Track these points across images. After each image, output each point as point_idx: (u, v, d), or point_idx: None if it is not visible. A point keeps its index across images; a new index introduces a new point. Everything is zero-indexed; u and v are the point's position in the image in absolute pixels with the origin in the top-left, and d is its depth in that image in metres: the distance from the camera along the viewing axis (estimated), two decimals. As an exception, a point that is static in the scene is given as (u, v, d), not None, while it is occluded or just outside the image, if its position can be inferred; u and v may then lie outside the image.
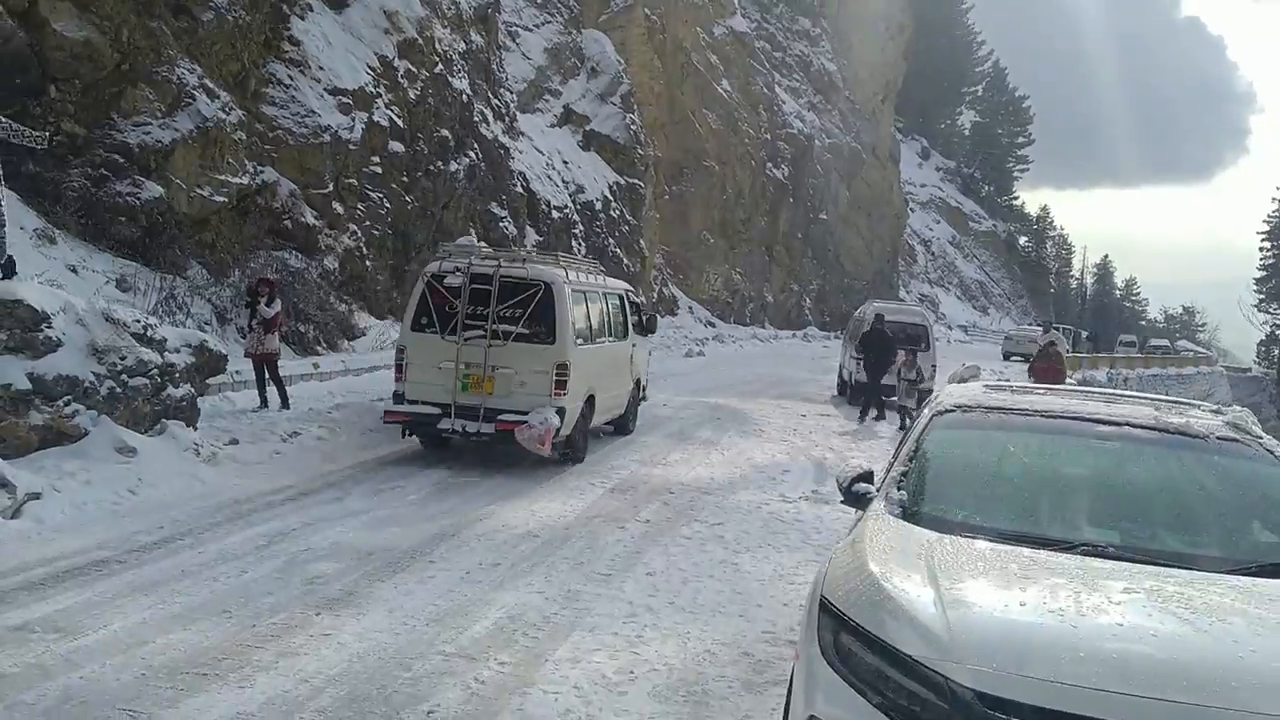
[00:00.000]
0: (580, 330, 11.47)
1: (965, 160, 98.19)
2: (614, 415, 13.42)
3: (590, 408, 11.80)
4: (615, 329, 13.32)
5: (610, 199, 32.16)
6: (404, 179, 20.09)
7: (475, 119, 23.66)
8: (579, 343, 11.32)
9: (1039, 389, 5.87)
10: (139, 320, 9.70)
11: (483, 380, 10.67)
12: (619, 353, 13.40)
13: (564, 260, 12.34)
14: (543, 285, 10.89)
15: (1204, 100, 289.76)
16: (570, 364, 10.86)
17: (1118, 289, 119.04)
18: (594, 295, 12.47)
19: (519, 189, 26.06)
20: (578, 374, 11.06)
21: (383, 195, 19.28)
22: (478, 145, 23.64)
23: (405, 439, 11.47)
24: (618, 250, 31.26)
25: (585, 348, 11.60)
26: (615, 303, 13.54)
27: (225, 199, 15.30)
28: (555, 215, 27.98)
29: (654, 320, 16.38)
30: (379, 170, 19.12)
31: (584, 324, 11.71)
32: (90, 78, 13.57)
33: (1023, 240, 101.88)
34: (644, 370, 15.16)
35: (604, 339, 12.68)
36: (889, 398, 17.62)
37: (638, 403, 14.62)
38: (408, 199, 20.14)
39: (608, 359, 12.73)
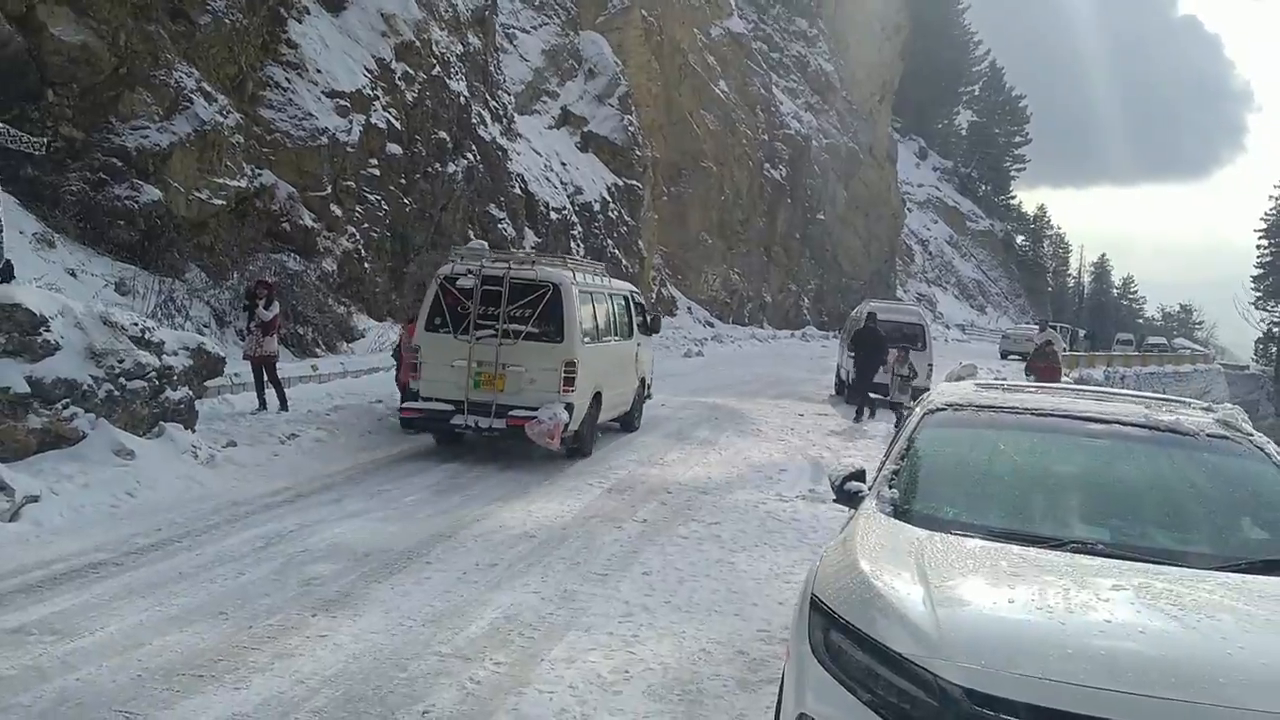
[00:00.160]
0: (587, 330, 11.78)
1: (962, 160, 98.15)
2: (620, 412, 13.74)
3: (597, 404, 12.13)
4: (620, 329, 13.64)
5: (608, 200, 32.18)
6: (402, 181, 20.11)
7: (473, 121, 23.68)
8: (586, 342, 11.62)
9: (1030, 387, 5.89)
10: (137, 323, 9.72)
11: (494, 378, 11.02)
12: (624, 352, 13.71)
13: (571, 262, 12.68)
14: (551, 286, 11.25)
15: (1201, 99, 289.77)
16: (578, 362, 11.18)
17: (1115, 288, 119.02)
18: (600, 296, 12.79)
19: (517, 190, 26.08)
20: (585, 372, 11.36)
21: (381, 197, 19.30)
22: (476, 147, 23.67)
23: (401, 440, 11.71)
24: (616, 251, 31.26)
25: (592, 346, 11.89)
26: (620, 303, 13.87)
27: (223, 202, 15.32)
28: (554, 216, 28.00)
29: (658, 320, 16.73)
30: (377, 172, 19.15)
31: (591, 324, 12.03)
32: (88, 82, 13.59)
33: (1020, 239, 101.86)
34: (649, 369, 15.45)
35: (610, 338, 12.99)
36: (881, 395, 17.51)
37: (643, 400, 14.92)
38: (406, 201, 20.17)
39: (613, 357, 13.04)
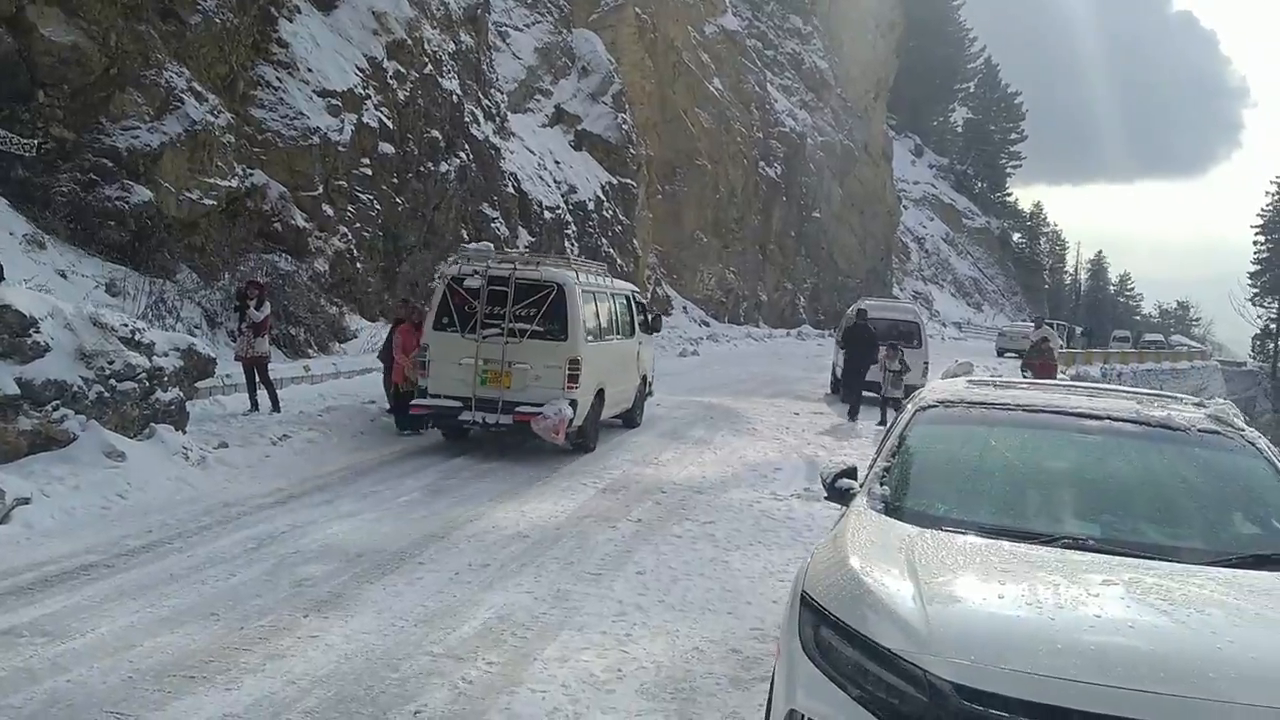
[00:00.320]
0: (590, 328, 12.12)
1: (958, 157, 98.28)
2: (622, 409, 14.05)
3: (600, 401, 12.48)
4: (622, 327, 13.98)
5: (603, 199, 32.15)
6: (394, 180, 20.07)
7: (466, 120, 23.64)
8: (589, 340, 11.96)
9: (1022, 384, 5.87)
10: (127, 324, 9.68)
11: (501, 375, 11.36)
12: (626, 350, 14.03)
13: (575, 263, 13.09)
14: (556, 286, 11.59)
15: (1197, 95, 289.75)
16: (581, 359, 11.53)
17: (1112, 285, 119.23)
18: (602, 296, 13.13)
19: (510, 190, 26.05)
20: (588, 369, 11.71)
21: (373, 197, 19.27)
22: (468, 146, 23.63)
23: (394, 441, 11.84)
24: (611, 250, 31.23)
25: (595, 344, 12.22)
26: (622, 303, 14.22)
27: (214, 202, 15.27)
28: (547, 216, 27.97)
29: (659, 319, 17.19)
30: (369, 172, 19.11)
31: (594, 323, 12.36)
32: (78, 82, 13.55)
33: (1016, 237, 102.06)
34: (650, 367, 15.75)
35: (612, 337, 13.32)
36: (874, 393, 17.37)
37: (644, 397, 15.21)
38: (398, 200, 20.13)
39: (616, 355, 13.37)
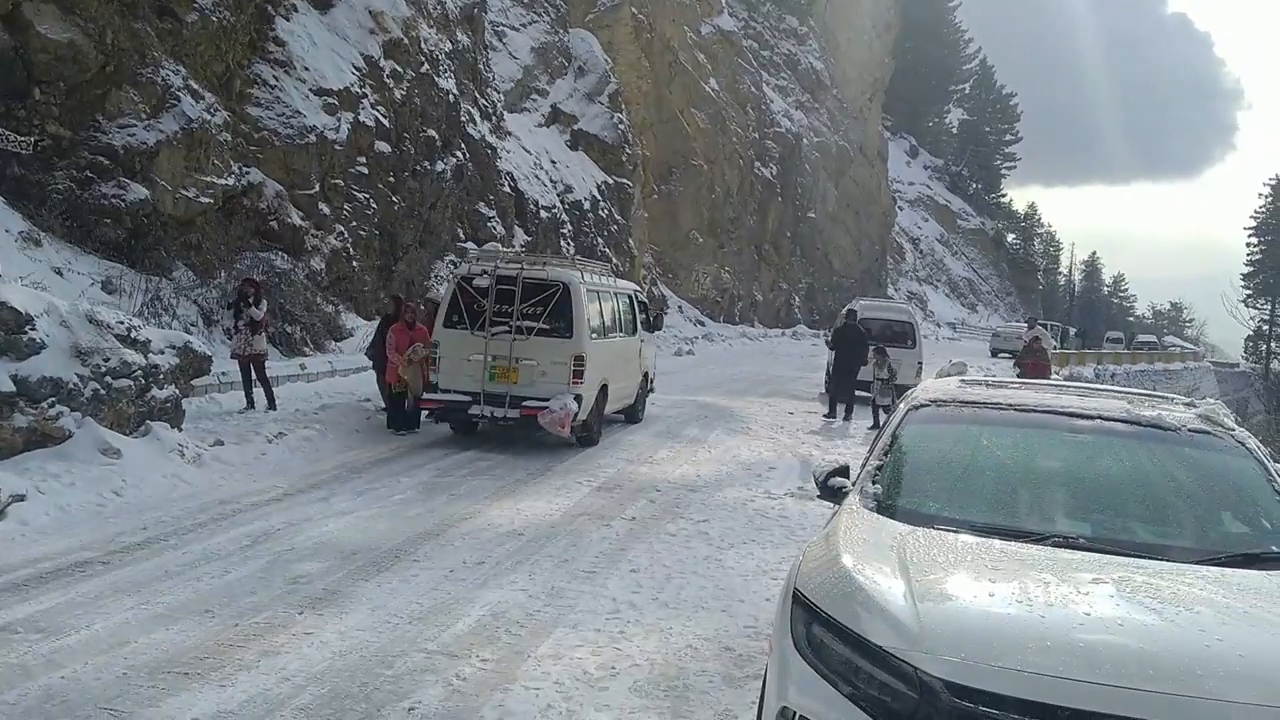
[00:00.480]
0: (595, 326, 12.52)
1: (953, 158, 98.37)
2: (625, 404, 14.41)
3: (604, 396, 12.88)
4: (625, 325, 14.39)
5: (598, 198, 32.17)
6: (390, 179, 20.07)
7: (462, 119, 23.64)
8: (594, 337, 12.36)
9: (1014, 383, 5.90)
10: (123, 322, 9.68)
11: (508, 370, 11.77)
12: (629, 347, 14.45)
13: (580, 263, 13.52)
14: (561, 286, 12.00)
15: (1192, 97, 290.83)
16: (586, 356, 11.95)
17: (1106, 286, 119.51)
18: (606, 295, 13.54)
19: (507, 189, 26.06)
20: (593, 365, 12.13)
21: (369, 196, 19.26)
22: (465, 145, 23.63)
23: (389, 440, 11.96)
24: (606, 250, 31.25)
25: (599, 342, 12.62)
26: (625, 302, 14.63)
27: (211, 200, 15.26)
28: (543, 215, 27.98)
29: (660, 318, 17.77)
30: (365, 171, 19.10)
31: (598, 321, 12.75)
32: (75, 80, 13.53)
33: (1011, 238, 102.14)
34: (652, 364, 16.17)
35: (615, 334, 13.73)
36: (866, 393, 17.35)
37: (646, 393, 15.60)
38: (394, 199, 20.12)
39: (619, 352, 13.79)
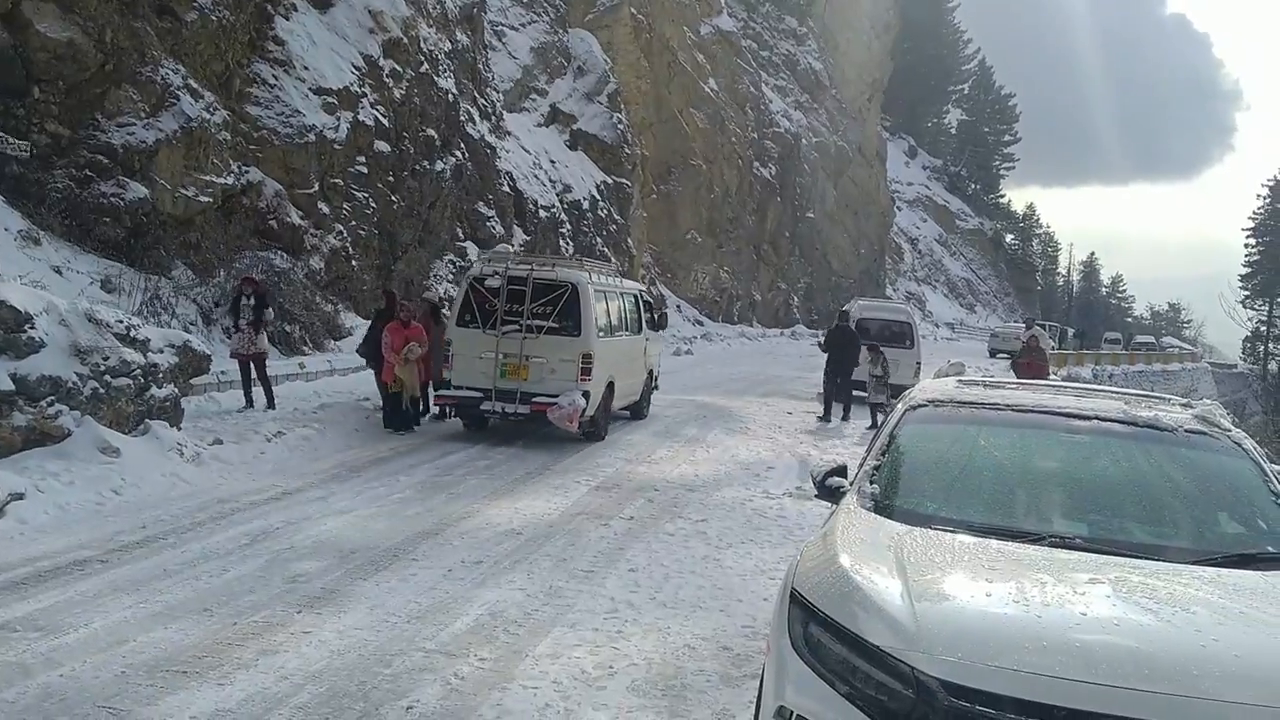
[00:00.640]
0: (602, 325, 12.87)
1: (952, 158, 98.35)
2: (630, 401, 14.80)
3: (611, 393, 13.25)
4: (631, 325, 14.76)
5: (597, 198, 32.18)
6: (390, 179, 20.07)
7: (461, 118, 23.64)
8: (601, 336, 12.71)
9: (1011, 384, 5.91)
10: (122, 321, 9.70)
11: (519, 368, 12.17)
12: (635, 346, 14.87)
13: (588, 264, 14.00)
14: (570, 286, 12.38)
15: (1190, 98, 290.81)
16: (594, 354, 12.31)
17: (1104, 286, 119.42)
18: (613, 295, 13.91)
19: (506, 188, 26.06)
20: (600, 363, 12.48)
21: (368, 195, 19.26)
22: (464, 145, 23.63)
23: (388, 439, 12.05)
24: (605, 249, 31.24)
25: (606, 340, 12.98)
26: (631, 301, 15.01)
27: (210, 199, 15.26)
28: (543, 214, 27.98)
29: (664, 317, 18.18)
30: (365, 170, 19.10)
31: (605, 320, 13.12)
32: (74, 79, 13.53)
33: (1009, 238, 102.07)
34: (656, 362, 16.60)
35: (622, 333, 14.12)
36: (862, 393, 17.27)
37: (651, 391, 16.01)
38: (394, 199, 20.12)
39: (625, 351, 14.18)
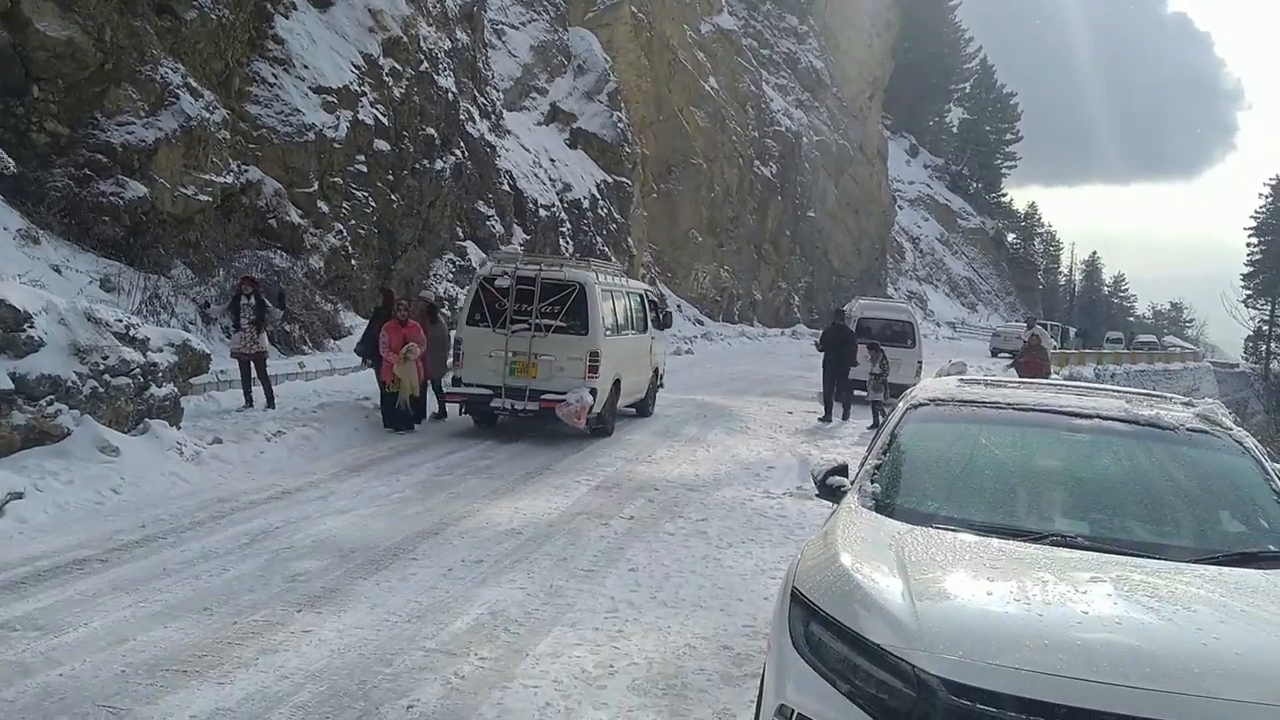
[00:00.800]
0: (609, 324, 13.15)
1: (953, 157, 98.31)
2: (636, 398, 15.09)
3: (617, 390, 13.55)
4: (637, 324, 15.04)
5: (598, 197, 32.17)
6: (389, 177, 20.06)
7: (461, 117, 23.64)
8: (607, 335, 13.00)
9: (1012, 382, 5.89)
10: (121, 320, 9.69)
11: (528, 366, 12.45)
12: (640, 344, 15.13)
13: (595, 265, 14.49)
14: (578, 286, 12.67)
15: (1192, 97, 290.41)
16: (601, 352, 12.60)
17: (1106, 285, 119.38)
18: (619, 294, 14.23)
19: (506, 187, 26.05)
20: (607, 361, 12.78)
21: (368, 194, 19.25)
22: (464, 143, 23.62)
23: (387, 438, 12.11)
24: (605, 249, 31.26)
25: (613, 339, 13.26)
26: (636, 301, 15.32)
27: (209, 198, 15.25)
28: (542, 213, 27.98)
29: (669, 316, 18.53)
30: (364, 169, 19.09)
31: (611, 319, 13.41)
32: (73, 77, 13.51)
33: (1011, 237, 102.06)
34: (662, 360, 16.86)
35: (628, 332, 14.39)
36: (863, 393, 17.16)
37: (656, 388, 16.29)
38: (393, 198, 20.12)
39: (631, 349, 14.46)
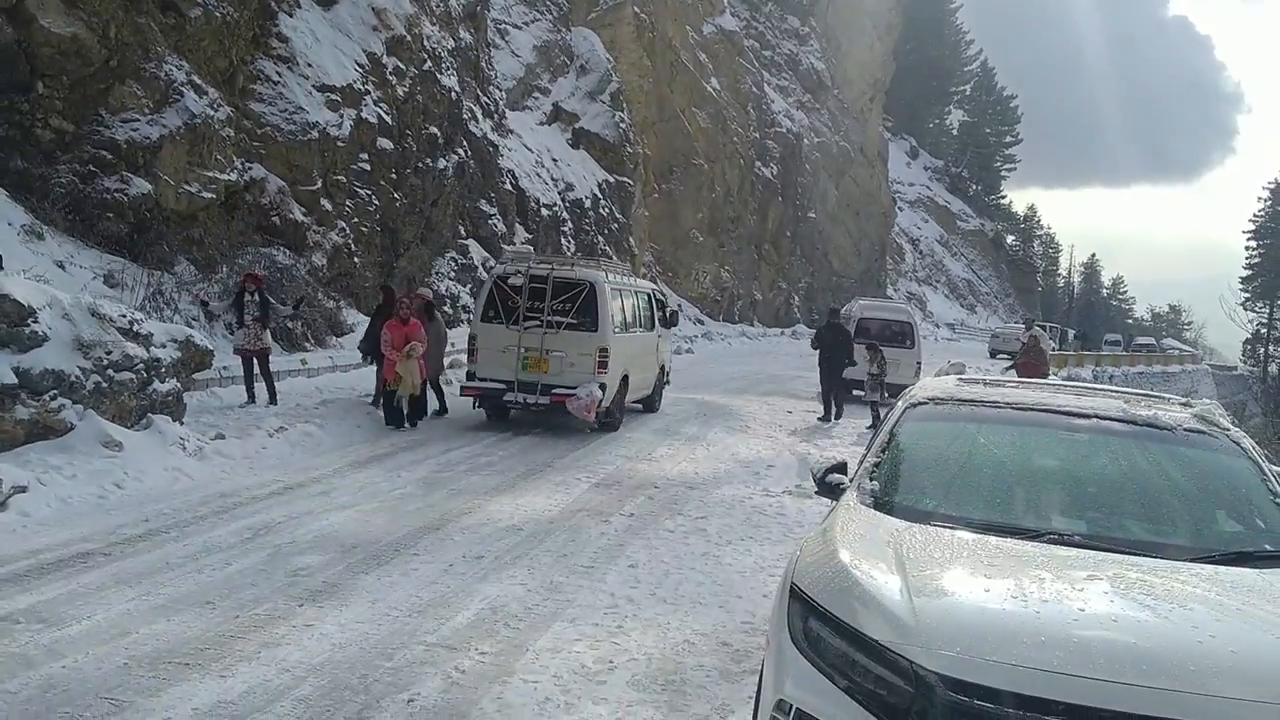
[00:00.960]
0: (617, 322, 13.51)
1: (953, 159, 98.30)
2: (643, 394, 15.38)
3: (625, 385, 13.90)
4: (644, 322, 15.40)
5: (599, 197, 32.21)
6: (392, 176, 20.10)
7: (464, 116, 23.68)
8: (617, 332, 13.34)
9: (1011, 382, 5.92)
10: (125, 315, 9.71)
11: (539, 361, 12.82)
12: (648, 341, 15.46)
13: (605, 264, 14.98)
14: (588, 284, 13.04)
15: (1192, 100, 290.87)
16: (610, 348, 12.96)
17: (1105, 288, 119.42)
18: (628, 293, 14.60)
19: (508, 186, 26.10)
20: (615, 357, 13.14)
21: (371, 192, 19.29)
22: (467, 143, 23.67)
23: (389, 435, 12.16)
24: (607, 248, 31.30)
25: (621, 336, 13.63)
26: (644, 300, 15.66)
27: (213, 195, 15.29)
28: (544, 213, 28.03)
29: (675, 315, 18.90)
30: (367, 167, 19.14)
31: (620, 317, 13.76)
32: (78, 74, 13.55)
33: (1010, 239, 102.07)
34: (668, 358, 17.25)
35: (636, 330, 14.77)
36: (861, 392, 17.14)
37: (663, 385, 16.61)
38: (396, 196, 20.16)
39: (639, 346, 14.80)
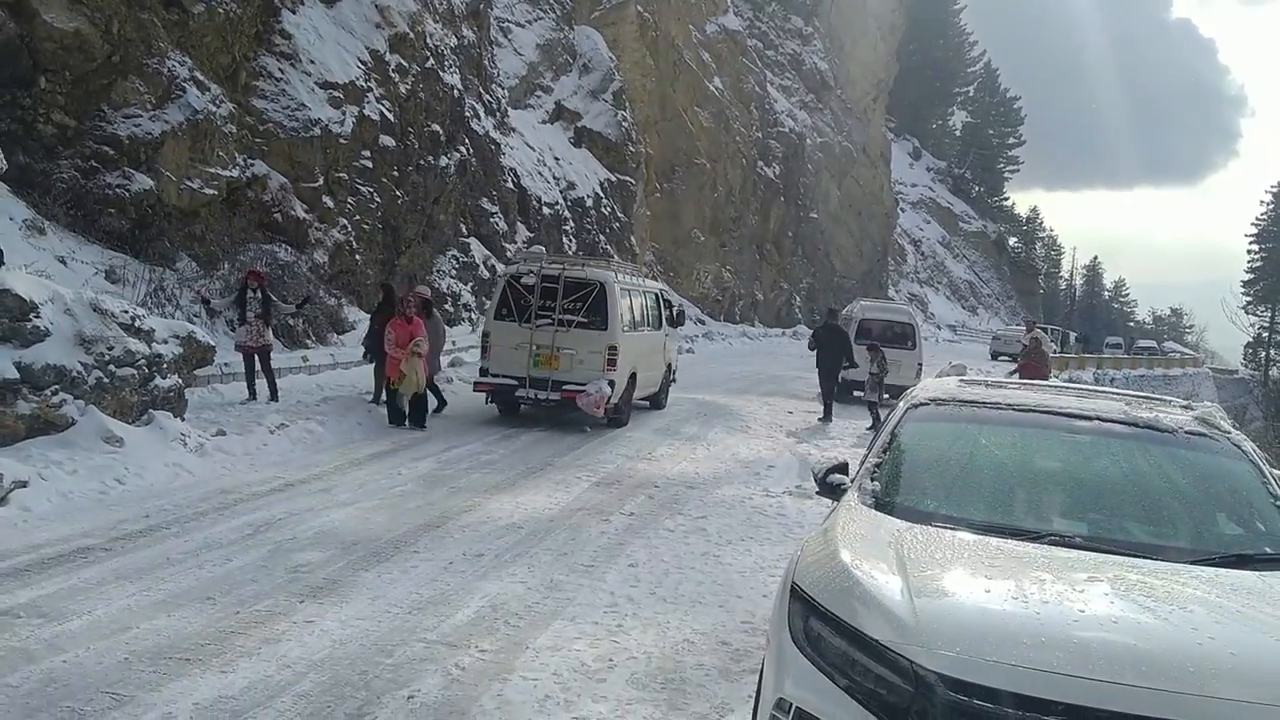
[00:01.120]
0: (626, 321, 13.89)
1: (956, 160, 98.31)
2: (650, 392, 15.80)
3: (633, 383, 14.30)
4: (652, 321, 15.77)
5: (601, 196, 32.22)
6: (394, 173, 20.11)
7: (466, 114, 23.69)
8: (625, 330, 13.72)
9: (1012, 384, 5.93)
10: (127, 311, 9.72)
11: (550, 358, 13.23)
12: (655, 340, 15.88)
13: (614, 265, 15.56)
14: (598, 284, 13.47)
15: (1195, 103, 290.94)
16: (619, 346, 13.36)
17: (1106, 290, 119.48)
18: (636, 293, 15.00)
19: (510, 185, 26.11)
20: (624, 355, 13.53)
21: (373, 189, 19.30)
22: (469, 140, 23.68)
23: (390, 432, 12.18)
24: (608, 247, 31.31)
25: (629, 334, 14.00)
26: (652, 299, 16.04)
27: (215, 192, 15.30)
28: (546, 211, 28.03)
29: (682, 315, 19.36)
30: (369, 164, 19.14)
31: (629, 316, 14.14)
32: (80, 69, 13.56)
33: (1013, 241, 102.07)
34: (674, 357, 17.66)
35: (643, 328, 15.12)
36: (861, 393, 17.06)
37: (669, 383, 17.02)
38: (398, 193, 20.17)
39: (646, 345, 15.20)
